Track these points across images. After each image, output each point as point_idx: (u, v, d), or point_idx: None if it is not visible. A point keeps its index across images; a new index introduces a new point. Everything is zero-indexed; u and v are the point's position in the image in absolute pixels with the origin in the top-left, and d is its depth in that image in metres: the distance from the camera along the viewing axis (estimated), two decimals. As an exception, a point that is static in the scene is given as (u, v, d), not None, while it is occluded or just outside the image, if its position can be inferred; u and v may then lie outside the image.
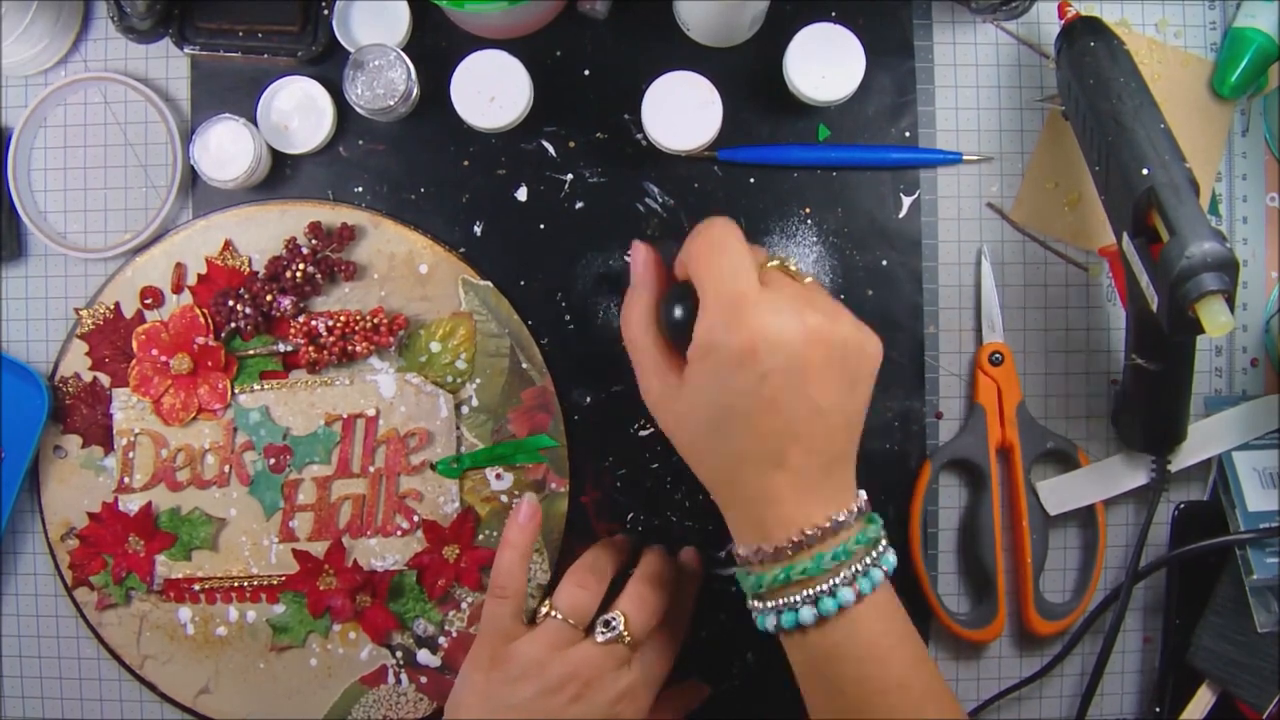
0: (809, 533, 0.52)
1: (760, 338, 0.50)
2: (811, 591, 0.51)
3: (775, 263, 0.55)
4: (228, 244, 0.71)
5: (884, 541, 0.54)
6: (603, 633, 0.61)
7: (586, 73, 0.72)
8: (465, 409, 0.71)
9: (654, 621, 0.63)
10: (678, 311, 0.55)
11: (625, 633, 0.61)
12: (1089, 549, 0.72)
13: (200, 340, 0.70)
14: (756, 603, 0.55)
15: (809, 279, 0.55)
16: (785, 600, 0.52)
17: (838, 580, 0.51)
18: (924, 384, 0.72)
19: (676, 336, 0.56)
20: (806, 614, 0.52)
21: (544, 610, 0.63)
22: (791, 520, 0.52)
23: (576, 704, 0.59)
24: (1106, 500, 0.71)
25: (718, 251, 0.53)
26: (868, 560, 0.52)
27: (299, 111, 0.70)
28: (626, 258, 0.69)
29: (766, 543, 0.53)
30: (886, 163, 0.71)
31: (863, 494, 0.55)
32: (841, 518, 0.52)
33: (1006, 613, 0.71)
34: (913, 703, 0.53)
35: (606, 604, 0.64)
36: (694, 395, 0.53)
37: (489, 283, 0.71)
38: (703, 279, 0.53)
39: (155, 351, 0.70)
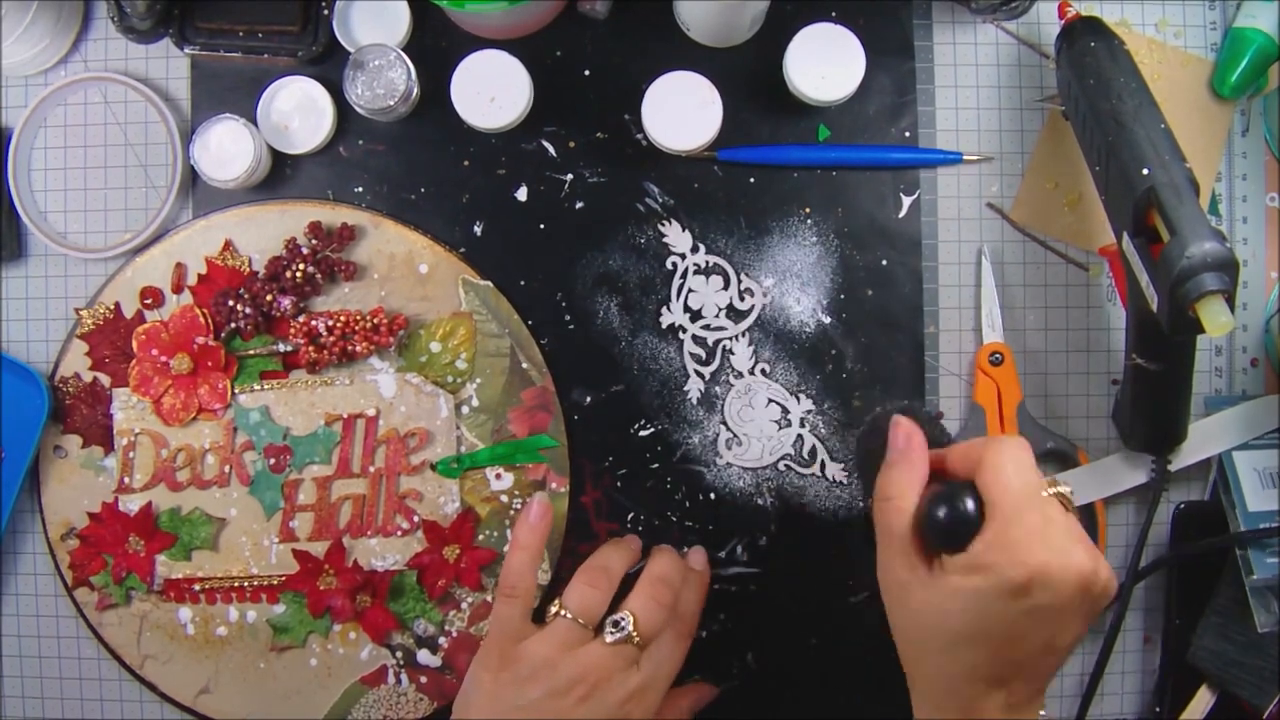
0: None
1: (1041, 577, 0.50)
2: None
3: (1054, 490, 0.54)
4: (228, 244, 0.71)
5: None
6: (612, 633, 0.61)
7: (586, 73, 0.72)
8: (465, 409, 0.71)
9: (662, 622, 0.63)
10: (944, 511, 0.53)
11: (634, 633, 0.61)
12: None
13: (200, 340, 0.70)
14: None
15: (1073, 511, 0.55)
16: None
17: None
18: (924, 384, 0.72)
19: (932, 530, 0.54)
20: None
21: (553, 609, 0.63)
22: None
23: (585, 704, 0.60)
24: (1106, 500, 0.71)
25: (1014, 472, 0.52)
26: None
27: (299, 111, 0.70)
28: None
29: None
30: (886, 163, 0.71)
31: (1044, 708, 0.55)
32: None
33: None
34: None
35: (615, 604, 0.64)
36: (946, 602, 0.52)
37: (489, 283, 0.71)
38: (996, 495, 0.52)
39: (155, 351, 0.70)
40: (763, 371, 0.71)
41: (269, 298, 0.69)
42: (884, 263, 0.72)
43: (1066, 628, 0.52)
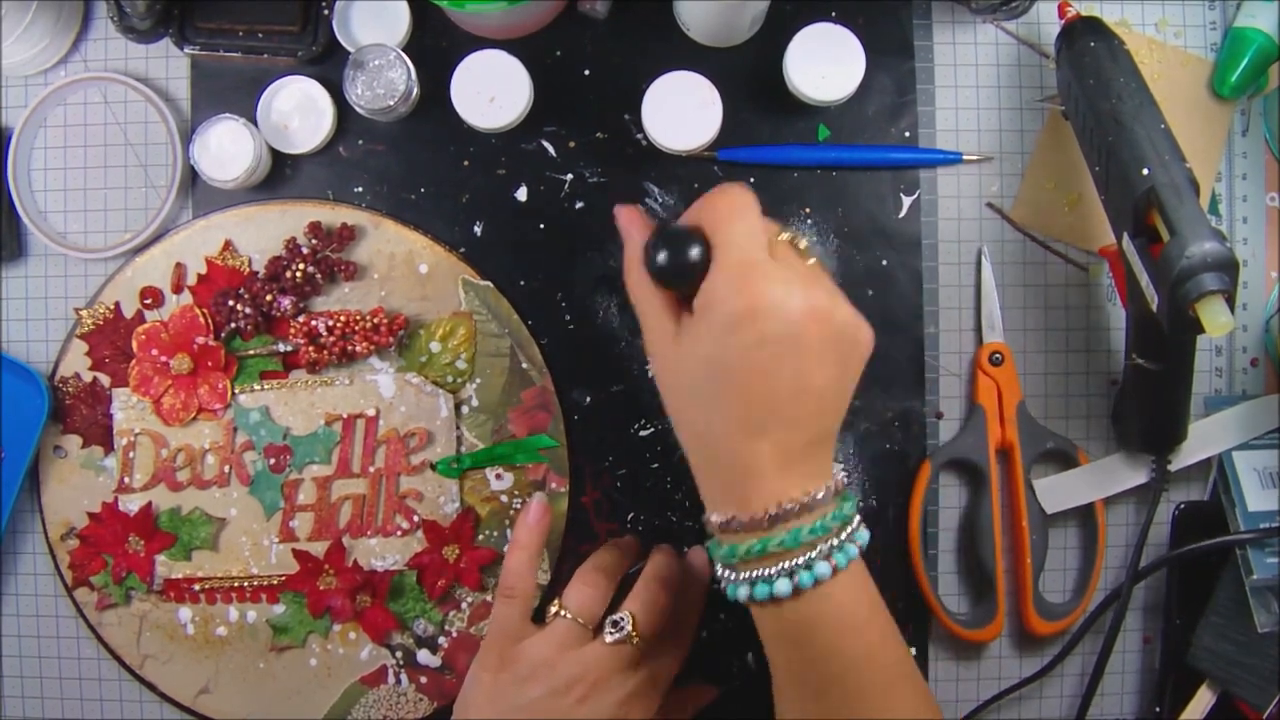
0: (787, 506, 0.51)
1: (764, 303, 0.50)
2: (787, 564, 0.51)
3: (786, 236, 0.55)
4: (228, 244, 0.71)
5: (858, 518, 0.53)
6: (611, 633, 0.61)
7: (586, 73, 0.72)
8: (465, 409, 0.71)
9: (662, 622, 0.63)
10: (689, 253, 0.53)
11: (633, 633, 0.61)
12: (1089, 549, 0.71)
13: (200, 340, 0.70)
14: (728, 572, 0.54)
15: (813, 260, 0.55)
16: (760, 572, 0.52)
17: (814, 554, 0.51)
18: (924, 384, 0.72)
19: (677, 279, 0.54)
20: (782, 586, 0.51)
21: (553, 610, 0.63)
22: (770, 492, 0.51)
23: (584, 705, 0.59)
24: (1106, 500, 0.71)
25: (737, 214, 0.53)
26: (843, 536, 0.52)
27: (299, 111, 0.70)
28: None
29: (743, 512, 0.52)
30: (886, 163, 0.71)
31: (840, 471, 0.54)
32: (820, 494, 0.51)
33: (1006, 613, 0.71)
34: (882, 674, 0.53)
35: (616, 605, 0.64)
36: (691, 346, 0.52)
37: (489, 283, 0.71)
38: (717, 237, 0.53)
39: (155, 351, 0.70)
40: None
41: (269, 298, 0.69)
42: (884, 263, 0.72)
43: (814, 366, 0.51)
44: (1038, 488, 0.70)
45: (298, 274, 0.69)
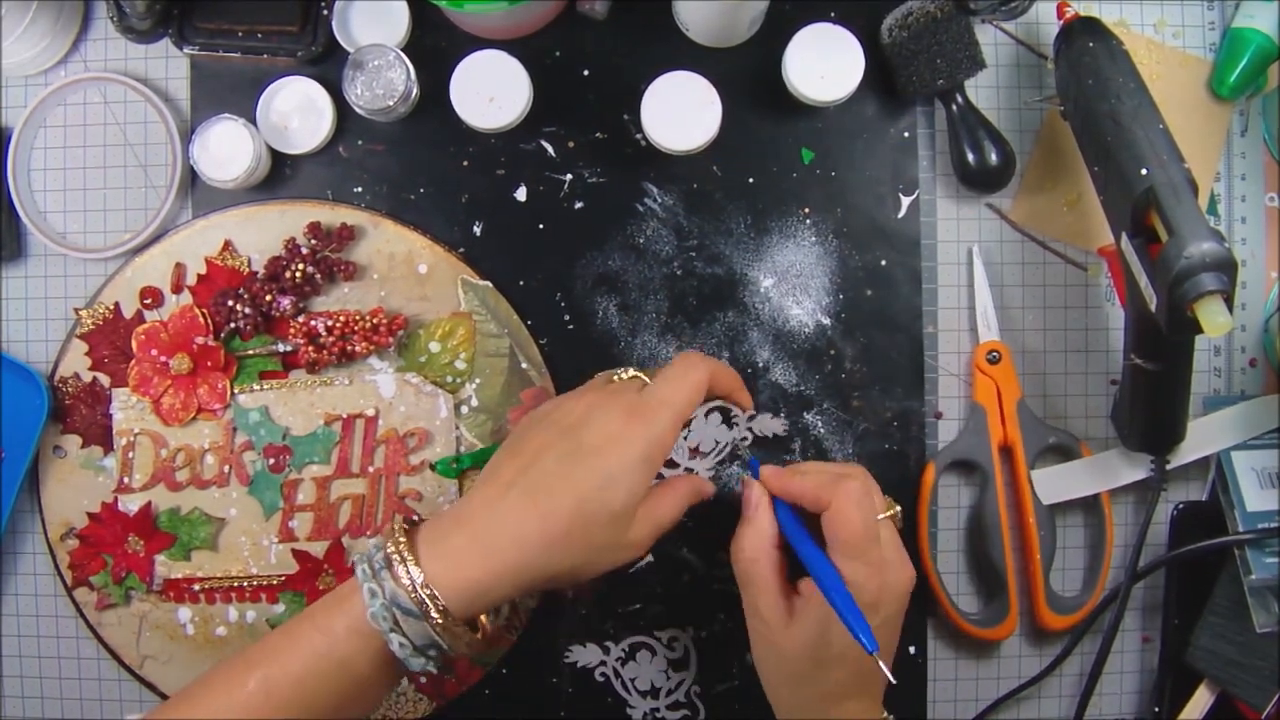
0: None
1: (889, 591, 0.58)
2: None
3: (886, 515, 0.60)
4: (227, 244, 0.71)
5: None
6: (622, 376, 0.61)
7: (586, 73, 0.72)
8: (465, 409, 0.71)
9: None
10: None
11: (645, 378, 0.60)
12: (1096, 541, 0.72)
13: (200, 340, 0.70)
14: None
15: (899, 525, 0.62)
16: None
17: None
18: (923, 384, 0.72)
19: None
20: None
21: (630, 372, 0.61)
22: None
23: (589, 411, 0.57)
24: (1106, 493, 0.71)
25: (861, 513, 0.57)
26: None
27: (299, 111, 0.71)
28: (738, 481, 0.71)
29: None
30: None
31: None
32: None
33: (1019, 610, 0.71)
34: None
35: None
36: (810, 631, 0.57)
37: (489, 283, 0.71)
38: (844, 535, 0.57)
39: (155, 351, 0.70)
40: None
41: (268, 298, 0.69)
42: (883, 263, 0.72)
43: (898, 630, 0.60)
44: (1035, 479, 0.70)
45: (297, 274, 0.69)
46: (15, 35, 0.68)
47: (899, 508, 0.62)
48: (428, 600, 0.51)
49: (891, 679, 0.55)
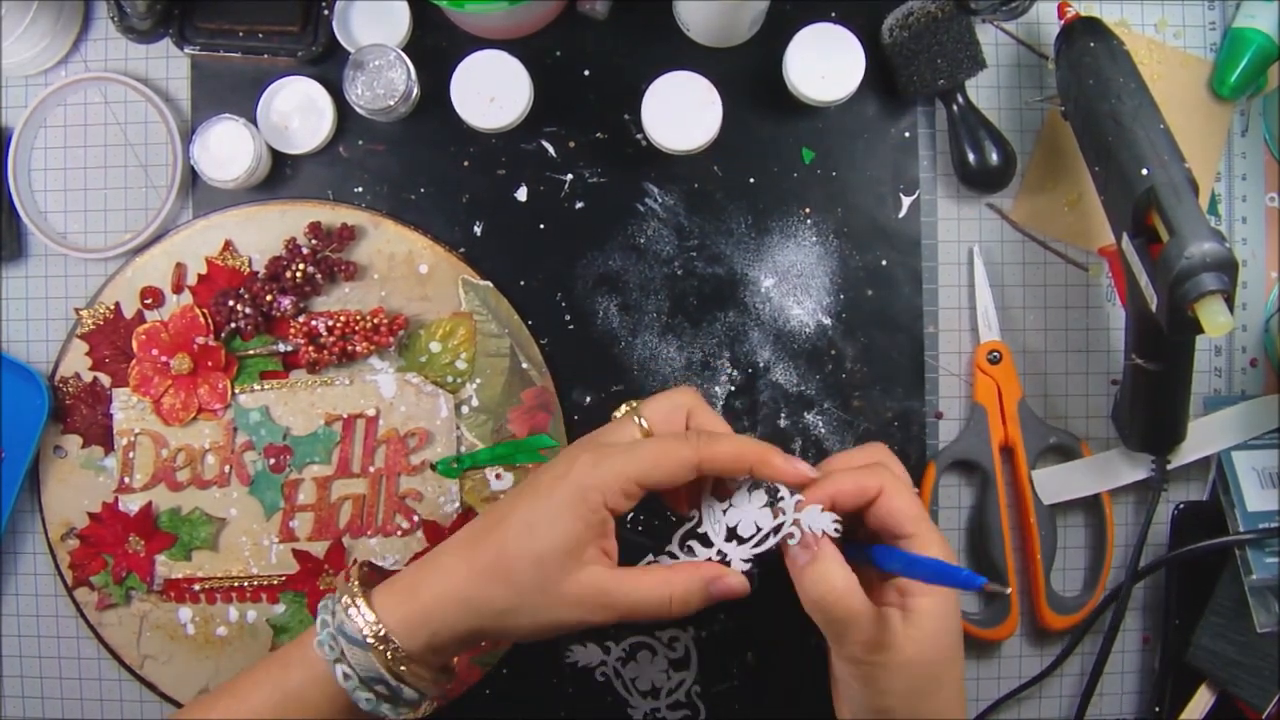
0: None
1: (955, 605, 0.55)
2: None
3: None
4: (228, 244, 0.71)
5: None
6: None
7: (586, 73, 0.72)
8: (465, 409, 0.71)
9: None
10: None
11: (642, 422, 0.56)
12: (1097, 541, 0.72)
13: (200, 340, 0.70)
14: None
15: None
16: None
17: None
18: (924, 384, 0.72)
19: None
20: None
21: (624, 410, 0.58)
22: None
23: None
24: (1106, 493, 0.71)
25: (913, 490, 0.56)
26: None
27: (299, 111, 0.71)
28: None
29: None
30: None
31: None
32: None
33: (1020, 609, 0.71)
34: None
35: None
36: (927, 633, 0.53)
37: (489, 283, 0.71)
38: (909, 515, 0.54)
39: (155, 351, 0.70)
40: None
41: (269, 298, 0.69)
42: (884, 263, 0.72)
43: None
44: (1036, 479, 0.70)
45: (298, 274, 0.69)
46: (15, 35, 0.68)
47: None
48: (372, 629, 0.52)
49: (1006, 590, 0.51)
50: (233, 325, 0.70)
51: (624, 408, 0.59)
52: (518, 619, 0.53)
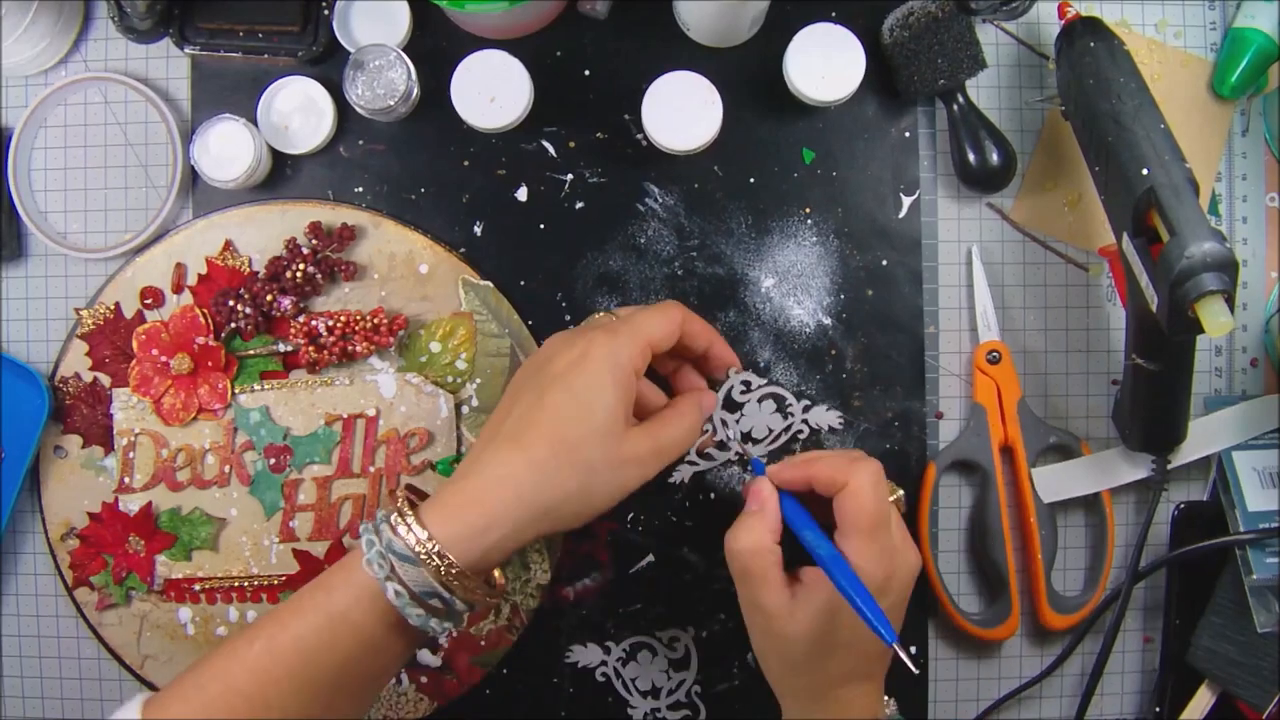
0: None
1: (898, 577, 0.58)
2: None
3: (893, 498, 0.61)
4: (228, 244, 0.71)
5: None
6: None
7: (586, 73, 0.72)
8: (465, 409, 0.71)
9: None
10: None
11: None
12: (1098, 540, 0.72)
13: (200, 340, 0.70)
14: None
15: (902, 509, 0.64)
16: None
17: None
18: (924, 384, 0.72)
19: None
20: None
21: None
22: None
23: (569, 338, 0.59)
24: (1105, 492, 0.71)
25: (876, 496, 0.57)
26: None
27: (299, 111, 0.71)
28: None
29: None
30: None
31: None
32: (890, 710, 0.62)
33: (1021, 609, 0.71)
34: None
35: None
36: (818, 617, 0.57)
37: (489, 283, 0.71)
38: (857, 517, 0.57)
39: (155, 351, 0.70)
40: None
41: (269, 298, 0.69)
42: (884, 263, 0.72)
43: (903, 615, 0.60)
44: (1035, 477, 0.70)
45: (298, 274, 0.69)
46: (15, 35, 0.68)
47: (901, 492, 0.62)
48: (425, 545, 0.52)
49: (915, 669, 0.54)
50: (233, 325, 0.70)
51: (608, 312, 0.63)
52: (590, 499, 0.56)
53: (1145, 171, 0.58)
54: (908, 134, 0.72)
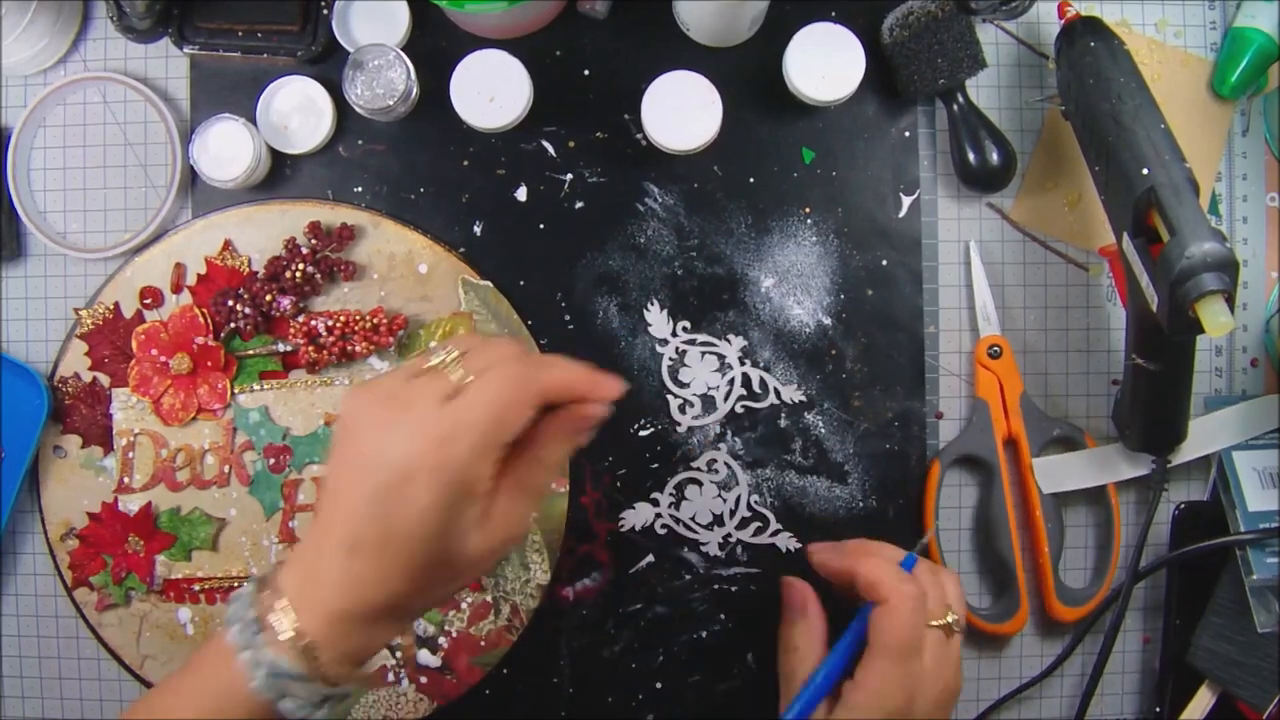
0: None
1: (920, 705, 0.58)
2: None
3: (940, 623, 0.60)
4: (227, 244, 0.71)
5: None
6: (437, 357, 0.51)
7: (586, 73, 0.72)
8: (465, 409, 0.71)
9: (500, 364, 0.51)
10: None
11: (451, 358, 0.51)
12: (1104, 533, 0.72)
13: (200, 340, 0.70)
14: None
15: (959, 635, 0.61)
16: None
17: None
18: (924, 384, 0.72)
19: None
20: None
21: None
22: None
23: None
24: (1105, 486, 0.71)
25: (910, 621, 0.58)
26: None
27: (299, 111, 0.70)
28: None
29: None
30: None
31: None
32: None
33: (1029, 603, 0.71)
34: None
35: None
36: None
37: (489, 283, 0.71)
38: (887, 636, 0.58)
39: (155, 351, 0.70)
40: (684, 329, 0.71)
41: (269, 298, 0.69)
42: (884, 263, 0.72)
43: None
44: (1036, 467, 0.70)
45: (297, 274, 0.69)
46: (15, 35, 0.68)
47: (959, 617, 0.60)
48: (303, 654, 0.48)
49: None
50: (232, 325, 0.70)
51: (440, 355, 0.51)
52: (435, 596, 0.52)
53: (1145, 171, 0.58)
54: (908, 134, 0.72)
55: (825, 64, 0.67)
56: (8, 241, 0.72)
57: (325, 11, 0.70)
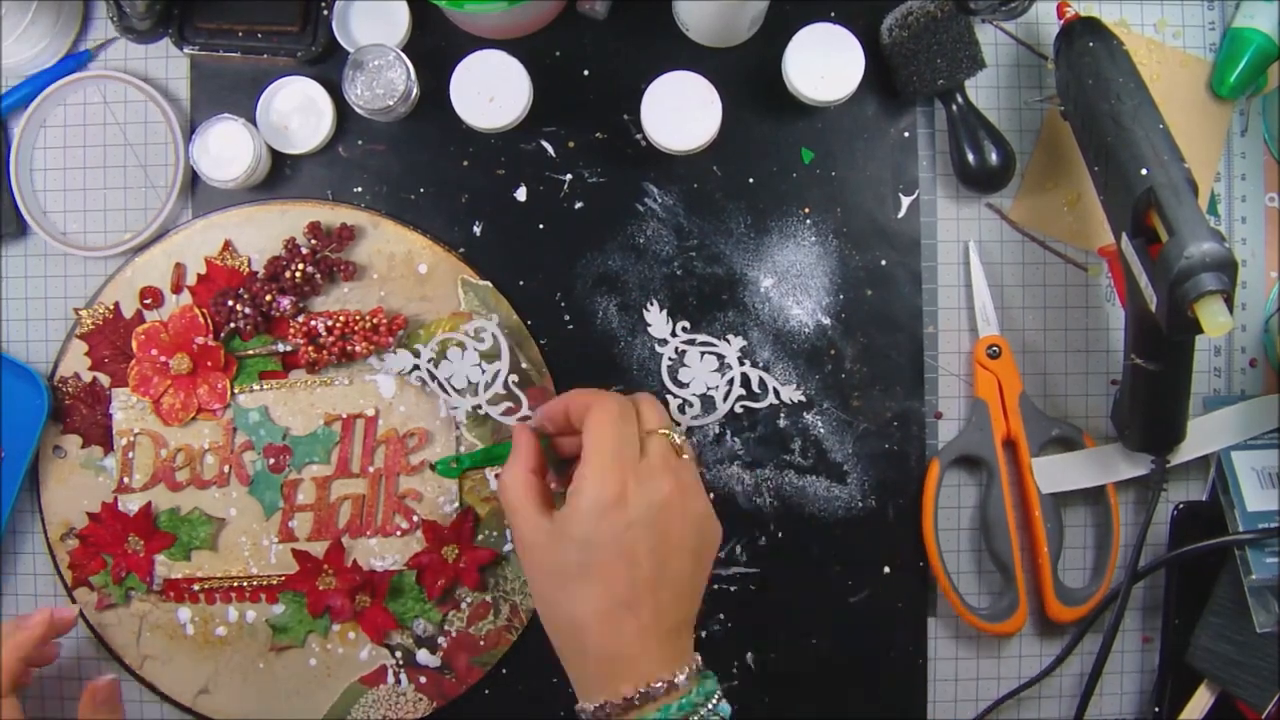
0: (655, 686, 0.55)
1: (630, 493, 0.56)
2: None
3: (664, 432, 0.59)
4: (227, 244, 0.71)
5: (719, 693, 0.57)
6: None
7: (586, 73, 0.72)
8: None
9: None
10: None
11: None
12: (1103, 533, 0.72)
13: (200, 340, 0.70)
14: None
15: (686, 455, 0.60)
16: None
17: None
18: (923, 384, 0.72)
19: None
20: None
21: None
22: (639, 674, 0.55)
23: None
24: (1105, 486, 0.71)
25: (610, 422, 0.57)
26: (707, 709, 0.56)
27: (299, 111, 0.71)
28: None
29: (615, 696, 0.55)
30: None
31: (698, 656, 0.58)
32: (683, 676, 0.56)
33: (1028, 603, 0.71)
34: None
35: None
36: (561, 533, 0.56)
37: (489, 283, 0.71)
38: (589, 435, 0.57)
39: (155, 351, 0.70)
40: (683, 329, 0.71)
41: (268, 298, 0.69)
42: (883, 263, 0.72)
43: (673, 553, 0.57)
44: (1035, 467, 0.70)
45: (297, 274, 0.69)
46: (15, 35, 0.68)
47: (680, 437, 0.60)
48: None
49: None
50: (232, 325, 0.70)
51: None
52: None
53: (1144, 171, 0.58)
54: (907, 134, 0.72)
55: (825, 64, 0.68)
56: (8, 220, 0.71)
57: (325, 12, 0.70)
